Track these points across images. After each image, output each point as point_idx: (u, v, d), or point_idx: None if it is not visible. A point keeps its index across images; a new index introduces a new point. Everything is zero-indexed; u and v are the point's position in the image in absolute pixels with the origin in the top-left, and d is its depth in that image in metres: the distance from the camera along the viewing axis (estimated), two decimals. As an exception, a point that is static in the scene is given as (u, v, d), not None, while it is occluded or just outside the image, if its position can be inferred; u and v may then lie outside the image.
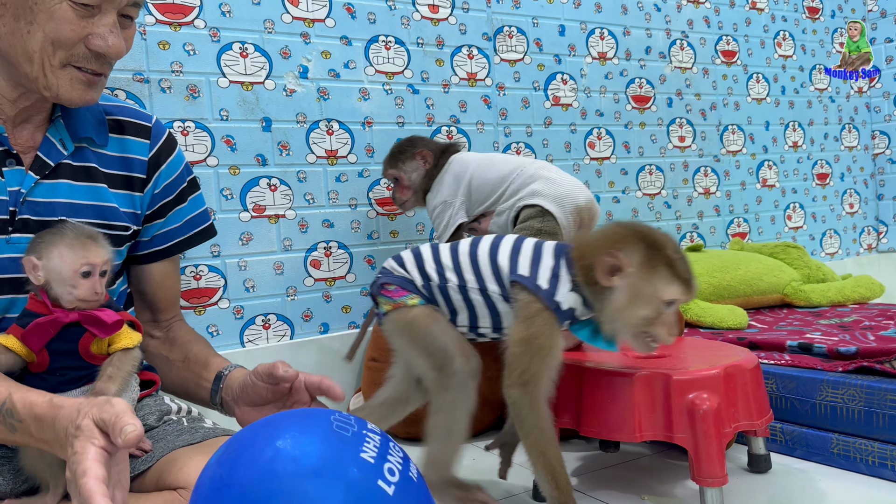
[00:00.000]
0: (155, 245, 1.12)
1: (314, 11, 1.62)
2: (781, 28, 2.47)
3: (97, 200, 1.01)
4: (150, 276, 1.14)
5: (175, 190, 1.13)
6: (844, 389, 1.15)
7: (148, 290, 1.14)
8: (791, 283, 1.87)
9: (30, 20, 0.88)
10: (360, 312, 1.67)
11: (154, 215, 1.12)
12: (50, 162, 0.97)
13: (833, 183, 2.60)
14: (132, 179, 1.07)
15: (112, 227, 1.02)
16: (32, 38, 0.89)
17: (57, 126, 0.99)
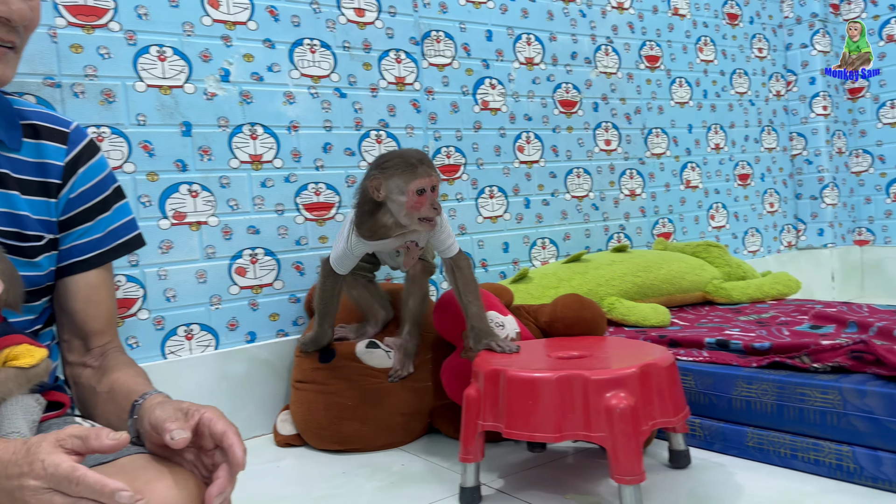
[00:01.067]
0: (76, 255, 1.05)
1: (235, 14, 1.59)
2: (703, 34, 2.54)
3: (7, 207, 0.95)
4: (76, 290, 1.05)
5: (96, 197, 1.06)
6: (758, 384, 1.19)
7: (75, 307, 1.04)
8: (712, 280, 1.93)
9: None
10: (288, 320, 1.64)
11: (71, 222, 1.05)
12: None
13: (754, 183, 2.70)
14: (48, 185, 1.00)
15: (24, 236, 0.96)
16: None
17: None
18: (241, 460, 0.74)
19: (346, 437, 1.41)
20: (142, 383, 1.04)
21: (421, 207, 1.23)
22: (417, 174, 1.22)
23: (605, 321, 1.36)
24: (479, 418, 1.10)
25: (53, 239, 1.02)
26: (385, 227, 1.29)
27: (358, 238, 1.32)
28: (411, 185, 1.22)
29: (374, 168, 1.28)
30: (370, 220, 1.30)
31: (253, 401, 1.57)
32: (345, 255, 1.36)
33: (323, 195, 1.70)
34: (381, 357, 1.45)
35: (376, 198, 1.26)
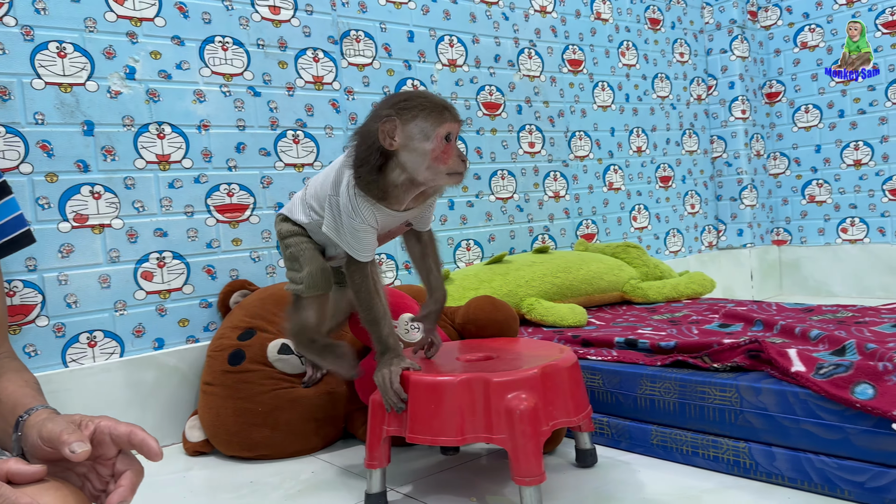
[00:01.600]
0: None
1: (142, 10, 1.53)
2: (625, 38, 2.59)
3: None
4: None
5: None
6: (661, 383, 1.21)
7: None
8: (630, 280, 1.96)
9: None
10: (199, 325, 1.60)
11: None
12: None
13: (675, 185, 2.76)
14: None
15: None
16: None
17: None
18: (157, 450, 0.73)
19: (256, 443, 1.38)
20: (29, 395, 0.99)
21: (448, 159, 0.99)
22: (446, 117, 0.99)
23: (517, 323, 1.36)
24: (385, 423, 1.09)
25: None
26: (395, 188, 1.02)
27: (369, 200, 1.03)
28: (440, 130, 0.98)
29: (387, 107, 1.00)
30: (379, 180, 1.01)
31: (161, 410, 1.52)
32: (360, 233, 1.05)
33: (236, 196, 1.66)
34: (295, 363, 1.42)
35: (387, 146, 0.99)
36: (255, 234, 1.69)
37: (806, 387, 1.04)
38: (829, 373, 1.04)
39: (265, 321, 1.49)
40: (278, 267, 1.72)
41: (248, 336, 1.45)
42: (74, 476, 0.77)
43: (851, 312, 1.58)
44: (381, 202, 1.03)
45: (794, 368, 1.08)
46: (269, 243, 1.71)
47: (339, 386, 1.44)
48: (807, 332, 1.32)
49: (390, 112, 0.99)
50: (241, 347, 1.43)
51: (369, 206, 1.03)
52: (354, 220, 1.04)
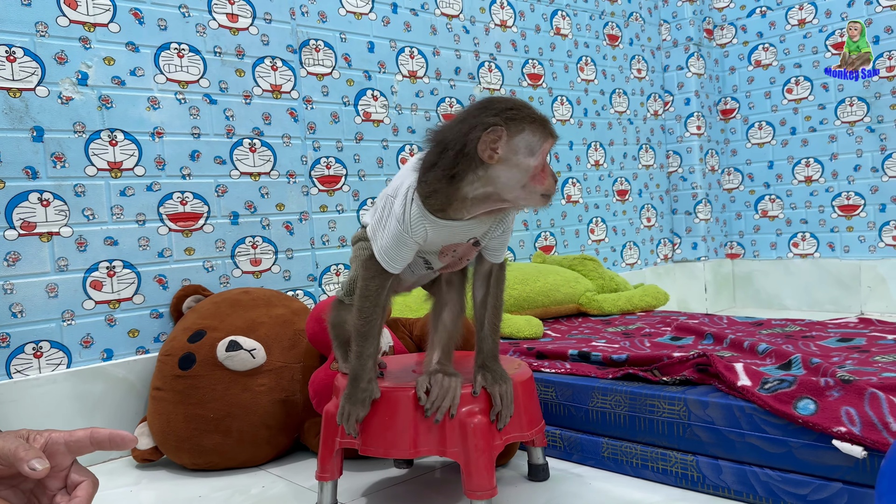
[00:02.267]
0: None
1: (95, 15, 1.51)
2: (584, 53, 2.63)
3: None
4: None
5: None
6: (612, 396, 1.23)
7: None
8: (586, 293, 1.98)
9: None
10: (149, 336, 1.57)
11: None
12: None
13: (632, 199, 2.81)
14: None
15: None
16: None
17: None
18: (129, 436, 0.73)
19: (206, 449, 1.35)
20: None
21: (545, 179, 0.92)
22: (551, 132, 0.92)
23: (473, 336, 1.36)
24: (338, 435, 1.08)
25: None
26: (464, 201, 0.92)
27: (423, 212, 0.94)
28: (546, 146, 0.91)
29: (492, 114, 0.89)
30: (447, 190, 0.92)
31: (109, 422, 1.49)
32: (399, 241, 0.97)
33: (189, 205, 1.63)
34: (245, 359, 1.38)
35: (486, 157, 0.89)
36: (209, 243, 1.67)
37: (751, 401, 1.06)
38: (773, 388, 1.07)
39: (217, 321, 1.45)
40: (232, 277, 1.70)
41: (199, 337, 1.42)
42: (19, 493, 0.75)
43: (799, 326, 1.63)
44: (438, 213, 0.94)
45: (741, 383, 1.10)
46: (224, 252, 1.69)
47: (293, 394, 1.42)
48: (755, 346, 1.35)
49: (497, 120, 0.88)
50: (191, 350, 1.40)
51: (421, 219, 0.95)
52: (400, 226, 0.96)
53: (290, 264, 1.81)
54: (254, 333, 1.43)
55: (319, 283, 1.87)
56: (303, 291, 1.83)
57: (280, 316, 1.50)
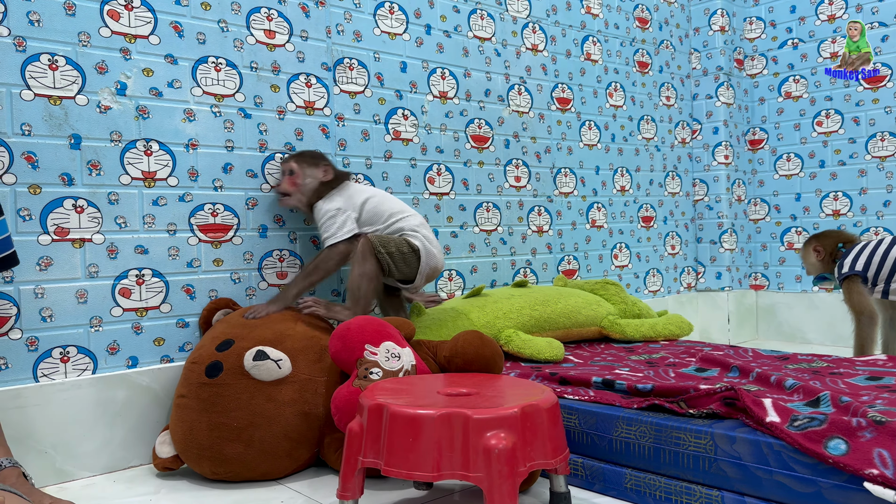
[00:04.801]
0: None
1: (137, 27, 1.54)
2: (613, 80, 2.63)
3: None
4: None
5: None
6: (637, 426, 1.21)
7: None
8: (608, 316, 1.97)
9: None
10: (175, 345, 1.58)
11: None
12: None
13: (657, 225, 2.80)
14: None
15: None
16: None
17: None
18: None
19: (227, 458, 1.35)
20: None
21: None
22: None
23: (502, 360, 1.36)
24: (360, 454, 1.08)
25: None
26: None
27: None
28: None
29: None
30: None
31: (130, 429, 1.50)
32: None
33: (220, 217, 1.65)
34: (271, 369, 1.39)
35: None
36: (238, 255, 1.68)
37: (780, 438, 1.05)
38: (803, 425, 1.05)
39: (246, 331, 1.46)
40: (258, 289, 1.71)
41: (227, 346, 1.42)
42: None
43: (826, 363, 1.60)
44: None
45: (769, 419, 1.09)
46: (251, 265, 1.70)
47: (316, 407, 1.42)
48: (782, 380, 1.33)
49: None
50: (219, 359, 1.40)
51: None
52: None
53: (315, 279, 1.82)
54: (280, 345, 1.43)
55: (343, 298, 1.87)
56: (326, 306, 1.84)
57: (306, 330, 1.50)
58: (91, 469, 1.45)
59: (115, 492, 1.36)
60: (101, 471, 1.47)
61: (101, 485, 1.41)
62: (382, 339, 1.35)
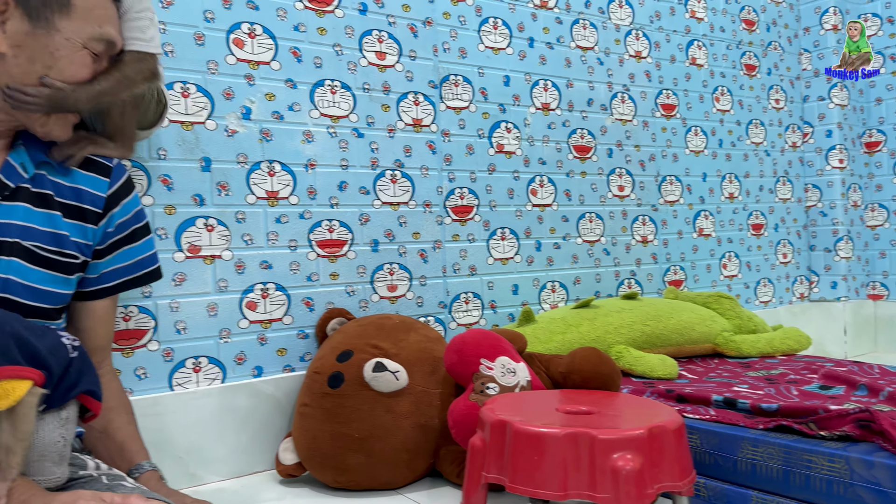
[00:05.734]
0: (104, 282, 1.20)
1: (259, 54, 1.62)
2: (720, 84, 2.56)
3: (50, 227, 1.06)
4: (93, 312, 1.18)
5: (127, 229, 1.20)
6: (764, 448, 1.18)
7: (87, 326, 1.17)
8: (722, 332, 1.92)
9: (48, 64, 0.98)
10: (296, 355, 1.65)
11: (104, 252, 1.16)
12: (10, 184, 1.01)
13: (767, 233, 2.70)
14: (86, 211, 1.11)
15: (63, 253, 1.07)
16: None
17: (18, 151, 1.04)
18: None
19: (349, 468, 1.40)
20: (134, 437, 1.13)
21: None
22: None
23: (620, 378, 1.35)
24: (483, 469, 1.10)
25: (86, 261, 1.10)
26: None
27: None
28: None
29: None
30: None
31: (256, 436, 1.57)
32: None
33: (336, 232, 1.72)
34: (390, 381, 1.43)
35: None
36: (352, 269, 1.74)
37: (926, 465, 1.00)
38: (951, 452, 1.00)
39: (364, 343, 1.51)
40: (370, 301, 1.77)
41: (347, 357, 1.47)
42: None
43: (964, 382, 1.51)
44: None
45: (912, 444, 1.04)
46: (364, 278, 1.76)
47: (432, 419, 1.45)
48: (919, 402, 1.26)
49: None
50: (340, 370, 1.45)
51: None
52: None
53: (423, 291, 1.86)
54: (396, 357, 1.47)
55: (449, 310, 1.91)
56: (434, 318, 1.88)
57: (419, 342, 1.54)
58: (220, 473, 1.53)
59: (243, 497, 1.44)
60: (228, 475, 1.55)
61: (230, 489, 1.49)
62: (498, 354, 1.37)
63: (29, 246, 1.02)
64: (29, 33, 0.96)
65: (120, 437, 1.12)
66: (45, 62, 0.98)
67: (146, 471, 1.10)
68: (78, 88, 1.03)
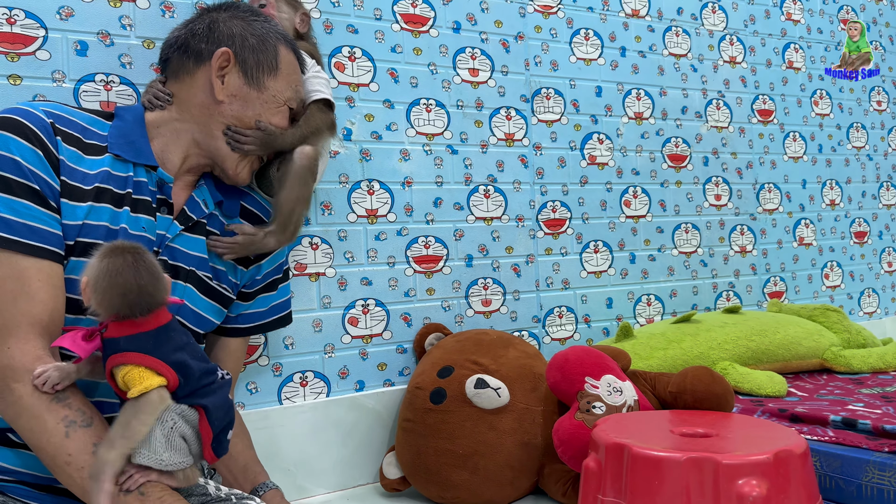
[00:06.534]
0: (241, 322, 1.30)
1: (359, 76, 1.66)
2: (818, 87, 2.47)
3: (215, 262, 1.18)
4: (227, 348, 1.31)
5: (272, 278, 1.31)
6: (891, 472, 1.13)
7: (219, 357, 1.28)
8: (831, 347, 1.84)
9: (256, 114, 1.14)
10: (395, 370, 1.68)
11: (248, 296, 1.29)
12: (193, 216, 1.13)
13: (871, 241, 2.58)
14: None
15: (222, 287, 1.19)
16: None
17: (201, 188, 1.16)
18: None
19: (454, 484, 1.42)
20: (255, 459, 1.23)
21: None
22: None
23: (733, 398, 1.31)
24: (600, 492, 1.09)
25: (233, 298, 1.19)
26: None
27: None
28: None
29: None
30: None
31: (358, 449, 1.61)
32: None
33: (431, 248, 1.74)
34: (492, 398, 1.43)
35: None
36: (447, 284, 1.76)
37: None
38: None
39: (463, 358, 1.52)
40: (465, 316, 1.78)
41: (447, 373, 1.49)
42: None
43: None
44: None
45: None
46: (459, 293, 1.77)
47: (535, 437, 1.45)
48: None
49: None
50: (441, 386, 1.47)
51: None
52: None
53: (517, 305, 1.86)
54: (497, 373, 1.48)
55: (543, 324, 1.90)
56: (528, 332, 1.87)
57: (518, 358, 1.54)
58: (326, 486, 1.57)
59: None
60: (334, 488, 1.59)
61: (336, 502, 1.52)
62: (603, 372, 1.36)
63: (202, 276, 1.14)
64: (243, 87, 1.13)
65: (243, 459, 1.19)
66: (254, 113, 1.14)
67: (270, 489, 1.15)
68: (285, 132, 1.21)
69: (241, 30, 1.13)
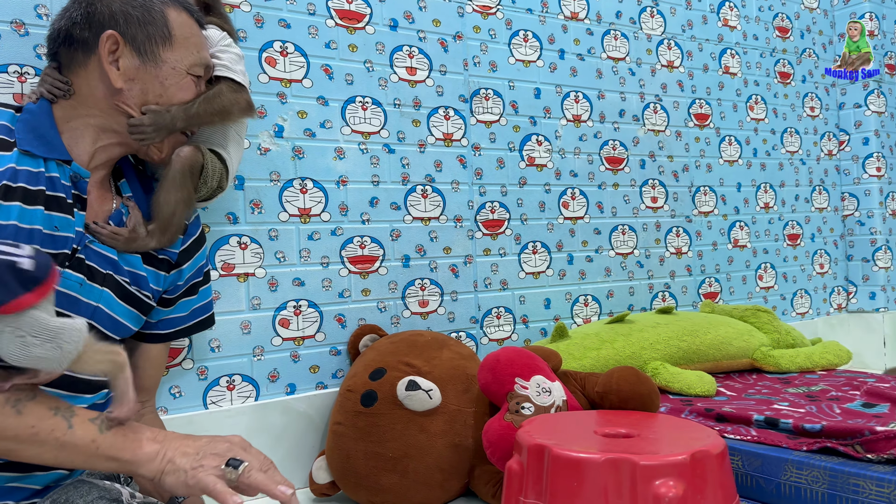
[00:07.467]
0: (161, 328, 1.30)
1: (291, 72, 1.63)
2: (754, 92, 2.52)
3: (134, 267, 1.13)
4: (147, 354, 1.26)
5: (192, 281, 1.28)
6: (808, 470, 1.15)
7: (138, 365, 1.23)
8: (760, 347, 1.88)
9: (159, 93, 1.08)
10: (328, 372, 1.65)
11: (168, 301, 1.24)
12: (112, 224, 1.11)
13: (804, 243, 2.65)
14: (160, 260, 1.18)
15: (142, 293, 1.15)
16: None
17: (123, 185, 1.16)
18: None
19: (383, 488, 1.40)
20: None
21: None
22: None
23: (658, 398, 1.32)
24: (521, 494, 1.08)
25: (152, 305, 1.16)
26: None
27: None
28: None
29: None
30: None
31: (288, 453, 1.57)
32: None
33: (367, 248, 1.71)
34: (423, 400, 1.42)
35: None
36: (383, 284, 1.74)
37: (982, 493, 0.96)
38: None
39: (396, 360, 1.50)
40: (402, 317, 1.76)
41: (379, 375, 1.47)
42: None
43: None
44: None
45: (967, 471, 1.00)
46: (395, 294, 1.75)
47: (465, 439, 1.44)
48: (971, 424, 1.22)
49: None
50: (373, 388, 1.44)
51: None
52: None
53: (455, 306, 1.85)
54: (429, 375, 1.46)
55: (481, 325, 1.89)
56: (465, 333, 1.87)
57: (451, 359, 1.53)
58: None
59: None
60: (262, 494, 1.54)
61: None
62: (533, 373, 1.36)
63: (120, 280, 1.10)
64: (139, 67, 1.06)
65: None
66: (157, 91, 1.08)
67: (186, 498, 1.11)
68: (173, 108, 1.11)
69: (120, 5, 1.04)
